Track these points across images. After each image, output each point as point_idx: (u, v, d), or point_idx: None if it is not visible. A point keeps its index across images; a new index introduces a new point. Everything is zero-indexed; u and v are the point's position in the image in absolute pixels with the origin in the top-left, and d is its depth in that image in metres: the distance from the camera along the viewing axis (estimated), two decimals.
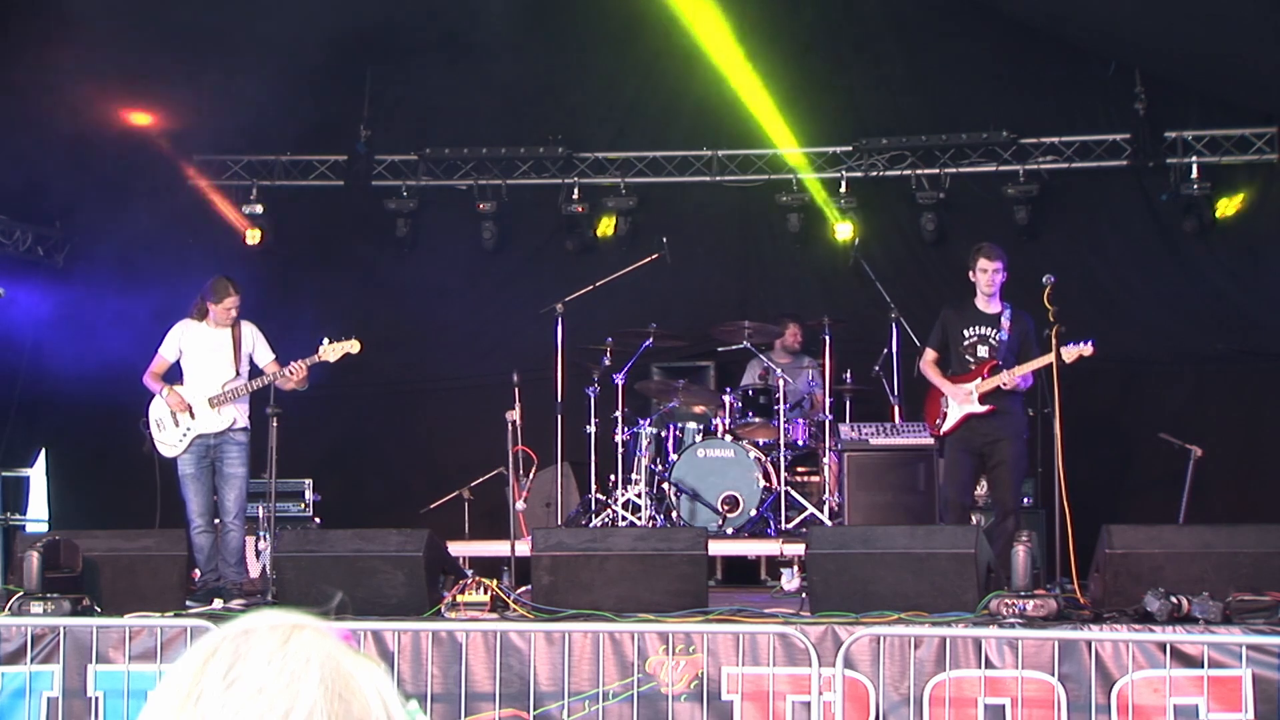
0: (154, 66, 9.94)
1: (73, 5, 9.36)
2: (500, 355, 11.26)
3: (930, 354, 8.78)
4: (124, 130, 10.50)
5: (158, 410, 8.70)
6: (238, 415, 8.67)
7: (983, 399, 8.43)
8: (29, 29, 9.54)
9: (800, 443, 10.33)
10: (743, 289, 11.99)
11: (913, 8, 11.68)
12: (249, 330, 8.83)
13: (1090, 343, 8.19)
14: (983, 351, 8.54)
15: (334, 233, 12.39)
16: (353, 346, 8.63)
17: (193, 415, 8.61)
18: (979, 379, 8.44)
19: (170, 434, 8.65)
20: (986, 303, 8.58)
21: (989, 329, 8.54)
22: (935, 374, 8.72)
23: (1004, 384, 8.34)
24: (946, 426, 8.57)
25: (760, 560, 9.87)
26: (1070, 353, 8.18)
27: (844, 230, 11.59)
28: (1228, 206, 11.07)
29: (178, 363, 8.77)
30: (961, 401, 8.48)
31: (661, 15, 10.78)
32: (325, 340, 8.62)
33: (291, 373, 8.55)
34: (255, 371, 8.80)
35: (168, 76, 10.19)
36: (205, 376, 8.68)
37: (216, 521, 8.75)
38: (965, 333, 8.61)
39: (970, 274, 8.63)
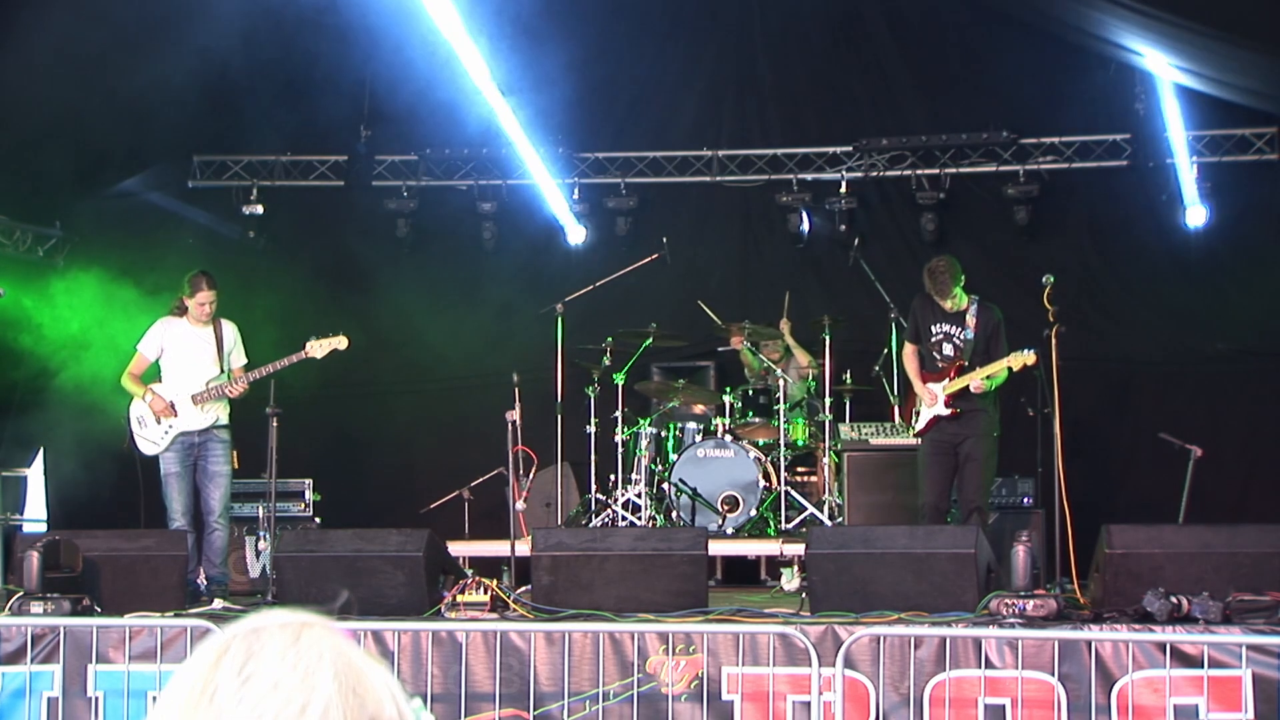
0: (154, 65, 9.92)
1: (72, 5, 9.35)
2: (500, 355, 11.25)
3: (910, 347, 8.78)
4: (123, 129, 10.48)
5: (139, 407, 8.64)
6: (220, 413, 8.63)
7: (948, 402, 8.40)
8: (28, 28, 9.52)
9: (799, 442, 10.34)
10: (743, 289, 11.98)
11: (912, 7, 11.68)
12: (230, 329, 8.78)
13: (1031, 350, 8.15)
14: (948, 350, 8.51)
15: (334, 233, 12.39)
16: (340, 343, 8.52)
17: (175, 413, 8.56)
18: (946, 380, 8.43)
19: (152, 431, 8.60)
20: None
21: (954, 327, 8.50)
22: (912, 371, 8.71)
23: (973, 388, 8.31)
24: (919, 426, 8.57)
25: (760, 560, 9.86)
26: (1015, 360, 8.17)
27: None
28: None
29: (157, 361, 8.72)
30: (930, 404, 8.47)
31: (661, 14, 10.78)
32: (312, 337, 8.54)
33: (274, 369, 8.49)
34: None
35: (168, 76, 10.17)
36: (188, 374, 8.62)
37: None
38: (933, 328, 8.56)
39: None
